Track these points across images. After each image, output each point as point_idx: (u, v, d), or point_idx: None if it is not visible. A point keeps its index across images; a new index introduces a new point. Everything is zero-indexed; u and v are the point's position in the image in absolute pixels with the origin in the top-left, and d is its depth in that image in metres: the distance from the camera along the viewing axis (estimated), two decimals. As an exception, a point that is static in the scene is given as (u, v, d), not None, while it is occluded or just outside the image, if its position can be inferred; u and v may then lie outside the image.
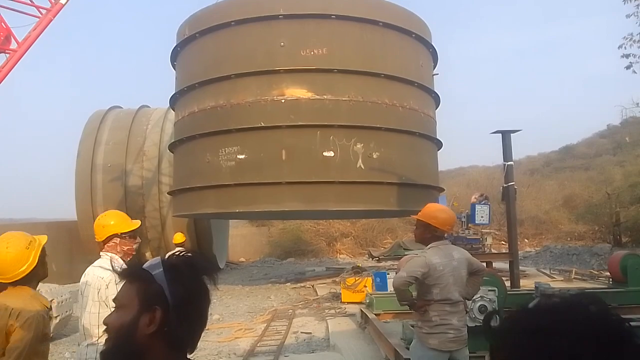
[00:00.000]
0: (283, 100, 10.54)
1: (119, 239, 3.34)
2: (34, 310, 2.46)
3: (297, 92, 10.57)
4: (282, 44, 10.67)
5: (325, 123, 10.43)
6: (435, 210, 3.88)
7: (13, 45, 10.68)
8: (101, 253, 3.34)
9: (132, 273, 1.21)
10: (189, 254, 1.24)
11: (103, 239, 3.34)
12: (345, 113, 10.59)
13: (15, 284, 2.55)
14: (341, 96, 10.60)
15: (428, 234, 3.77)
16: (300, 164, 10.36)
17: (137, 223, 3.44)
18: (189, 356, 1.20)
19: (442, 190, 13.12)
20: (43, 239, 2.77)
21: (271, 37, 10.77)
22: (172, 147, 12.76)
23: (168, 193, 13.23)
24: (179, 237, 8.55)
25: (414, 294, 3.88)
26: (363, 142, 10.57)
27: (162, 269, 1.18)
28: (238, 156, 10.56)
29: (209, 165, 10.89)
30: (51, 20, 10.98)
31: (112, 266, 1.92)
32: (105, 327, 1.18)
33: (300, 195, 10.36)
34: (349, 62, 10.74)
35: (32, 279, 2.63)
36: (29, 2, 10.89)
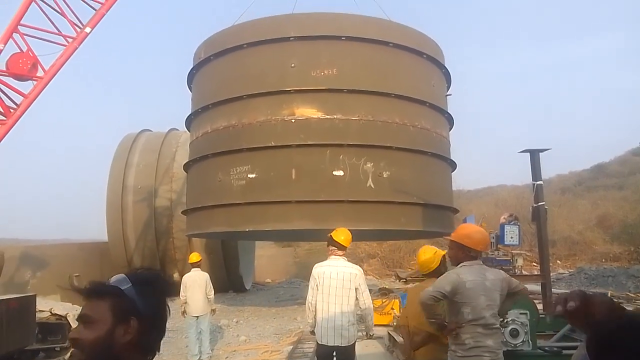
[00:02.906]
0: (293, 120, 10.65)
1: None
2: None
3: (307, 111, 10.67)
4: (292, 65, 10.83)
5: (335, 142, 10.48)
6: (469, 231, 3.86)
7: (40, 72, 11.17)
8: None
9: (101, 290, 1.32)
10: (152, 271, 1.40)
11: None
12: (355, 132, 10.62)
13: None
14: (351, 116, 10.65)
15: (462, 254, 3.74)
16: (310, 183, 10.39)
17: None
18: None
19: (456, 211, 12.86)
20: None
21: (282, 59, 10.95)
22: (187, 167, 13.01)
23: (182, 212, 13.38)
24: (194, 257, 8.69)
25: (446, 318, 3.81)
26: (373, 161, 10.55)
27: (130, 284, 1.32)
28: (249, 175, 10.67)
29: (221, 184, 11.04)
30: (76, 48, 11.47)
31: None
32: (74, 340, 1.28)
33: (310, 214, 10.37)
34: (359, 82, 10.81)
35: None
36: (56, 31, 11.41)
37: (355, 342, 5.02)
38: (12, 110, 10.93)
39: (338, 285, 4.90)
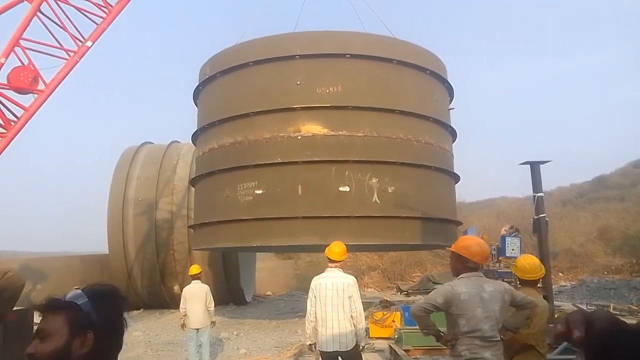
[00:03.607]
0: (299, 137, 10.78)
1: None
2: None
3: (312, 128, 10.81)
4: (298, 82, 10.99)
5: (341, 158, 10.60)
6: (468, 243, 3.88)
7: (41, 86, 11.25)
8: None
9: (57, 304, 1.37)
10: (107, 286, 1.44)
11: None
12: (360, 148, 10.75)
13: None
14: (356, 132, 10.78)
15: (460, 265, 3.76)
16: (316, 198, 10.50)
17: None
18: None
19: (459, 224, 12.97)
20: None
21: (287, 76, 11.10)
22: (194, 182, 13.19)
23: (189, 227, 13.59)
24: (194, 269, 8.70)
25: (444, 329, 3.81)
26: (378, 176, 10.67)
27: (86, 299, 1.36)
28: (256, 191, 10.79)
29: (228, 200, 11.15)
30: (77, 62, 11.56)
31: None
32: (30, 355, 1.31)
33: (316, 230, 10.46)
34: (363, 98, 10.96)
35: None
36: (58, 45, 11.51)
37: (357, 346, 5.33)
38: (12, 124, 10.97)
39: (333, 295, 5.26)
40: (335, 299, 5.24)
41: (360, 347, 5.47)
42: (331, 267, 5.47)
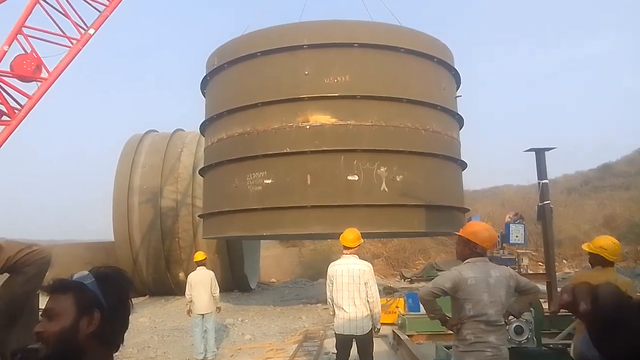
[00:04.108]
0: (308, 127, 10.84)
1: None
2: None
3: (321, 118, 10.86)
4: (306, 72, 11.02)
5: (349, 148, 10.66)
6: (477, 228, 3.89)
7: (44, 74, 11.24)
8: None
9: (64, 285, 1.40)
10: (114, 268, 1.47)
11: None
12: (369, 138, 10.80)
13: None
14: (364, 121, 10.83)
15: (467, 250, 3.76)
16: (325, 188, 10.58)
17: None
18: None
19: (466, 210, 13.08)
20: None
21: (296, 66, 11.13)
22: (202, 172, 13.28)
23: (199, 216, 13.73)
24: (199, 256, 8.75)
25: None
26: (386, 165, 10.74)
27: (93, 279, 1.39)
28: (265, 181, 10.89)
29: (237, 190, 11.24)
30: (80, 50, 11.53)
31: None
32: (38, 334, 1.35)
33: (325, 219, 10.56)
34: (371, 88, 10.99)
35: None
36: (60, 32, 11.48)
37: (371, 330, 5.47)
38: (16, 111, 10.99)
39: (349, 282, 5.37)
40: (352, 285, 5.37)
41: (376, 330, 5.63)
42: (346, 253, 5.58)
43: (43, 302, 1.43)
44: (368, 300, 5.39)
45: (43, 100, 11.27)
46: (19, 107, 11.05)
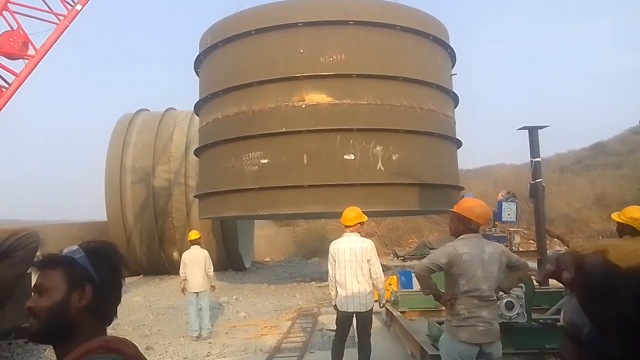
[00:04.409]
0: (303, 106, 10.78)
1: None
2: None
3: (316, 97, 10.80)
4: (301, 50, 10.90)
5: (345, 127, 10.63)
6: (471, 204, 3.91)
7: (31, 51, 11.01)
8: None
9: (54, 260, 1.38)
10: (104, 242, 1.46)
11: None
12: (364, 116, 10.77)
13: None
14: (360, 100, 10.78)
15: (462, 226, 3.78)
16: (321, 167, 10.58)
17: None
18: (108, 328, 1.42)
19: (461, 189, 13.19)
20: None
21: (290, 45, 11.01)
22: (198, 152, 13.21)
23: (194, 196, 13.74)
24: (193, 235, 8.76)
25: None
26: (382, 144, 10.74)
27: (83, 254, 1.38)
28: (261, 161, 10.87)
29: (233, 170, 11.23)
30: (67, 27, 11.29)
31: None
32: (29, 309, 1.33)
33: (322, 198, 10.58)
34: (367, 66, 10.90)
35: None
36: (47, 9, 11.22)
37: (372, 308, 5.55)
38: (3, 90, 10.80)
39: (352, 259, 5.43)
40: (354, 262, 5.42)
41: (381, 305, 5.76)
42: (347, 232, 5.63)
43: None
44: (372, 277, 5.46)
45: (30, 78, 11.07)
46: (6, 85, 10.85)
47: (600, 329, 0.71)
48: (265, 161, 10.82)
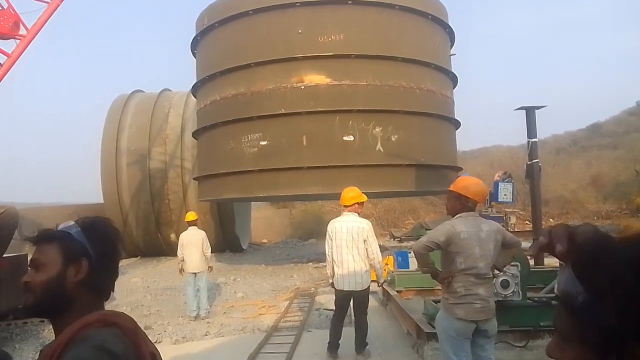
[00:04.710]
0: (302, 87, 10.70)
1: None
2: None
3: (315, 78, 10.71)
4: (299, 31, 10.78)
5: (344, 108, 10.57)
6: (468, 182, 3.93)
7: (22, 31, 10.83)
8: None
9: (49, 234, 1.38)
10: (98, 217, 1.46)
11: None
12: (364, 98, 10.70)
13: None
14: (359, 81, 10.71)
15: (459, 205, 3.79)
16: (321, 149, 10.55)
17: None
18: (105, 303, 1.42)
19: (460, 169, 13.18)
20: None
21: (288, 25, 10.88)
22: (196, 134, 13.13)
23: (194, 179, 13.71)
24: (190, 216, 8.78)
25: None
26: (382, 125, 10.70)
27: (79, 229, 1.38)
28: (260, 143, 10.83)
29: (232, 152, 11.19)
30: (59, 5, 11.09)
31: None
32: (25, 284, 1.34)
33: (321, 180, 10.57)
34: (366, 47, 10.80)
35: None
36: (38, -13, 11.01)
37: (369, 287, 5.62)
38: (-5, 70, 10.66)
39: (348, 238, 5.49)
40: (350, 242, 5.47)
41: (379, 284, 5.84)
42: (345, 212, 5.66)
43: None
44: (369, 257, 5.50)
45: (23, 58, 10.92)
46: (-2, 65, 10.70)
47: (594, 296, 0.71)
48: (264, 143, 10.79)
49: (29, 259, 1.59)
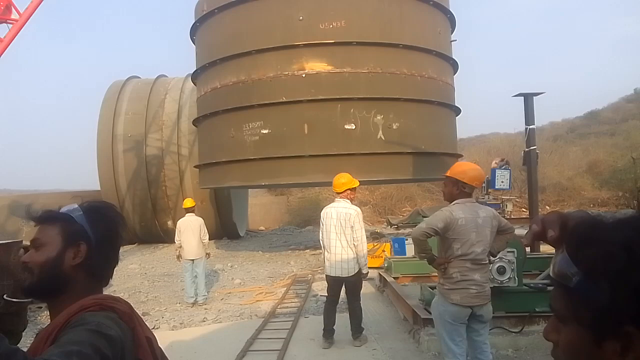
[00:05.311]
0: (303, 75, 10.62)
1: None
2: None
3: (316, 65, 10.64)
4: (300, 17, 10.67)
5: (346, 96, 10.52)
6: (465, 168, 3.92)
7: (14, 15, 10.70)
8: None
9: (52, 216, 1.39)
10: (103, 202, 1.46)
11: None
12: (365, 85, 10.65)
13: None
14: (360, 68, 10.65)
15: (456, 190, 3.80)
16: (322, 137, 10.52)
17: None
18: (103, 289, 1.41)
19: (460, 156, 13.14)
20: None
21: (289, 12, 10.77)
22: (197, 122, 13.06)
23: (195, 167, 13.65)
24: (188, 202, 8.80)
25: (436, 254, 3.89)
26: (383, 113, 10.66)
27: (81, 212, 1.38)
28: (262, 131, 10.80)
29: (234, 140, 11.14)
30: None
31: None
32: (24, 264, 1.34)
33: (323, 168, 10.53)
34: (367, 34, 10.73)
35: None
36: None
37: (358, 272, 5.62)
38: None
39: (336, 224, 5.54)
40: (338, 227, 5.52)
41: (363, 275, 5.67)
42: (338, 198, 5.71)
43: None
44: (354, 243, 5.51)
45: (16, 42, 10.81)
46: (-11, 50, 10.59)
47: (588, 275, 0.72)
48: (265, 131, 10.75)
49: (21, 245, 1.58)
